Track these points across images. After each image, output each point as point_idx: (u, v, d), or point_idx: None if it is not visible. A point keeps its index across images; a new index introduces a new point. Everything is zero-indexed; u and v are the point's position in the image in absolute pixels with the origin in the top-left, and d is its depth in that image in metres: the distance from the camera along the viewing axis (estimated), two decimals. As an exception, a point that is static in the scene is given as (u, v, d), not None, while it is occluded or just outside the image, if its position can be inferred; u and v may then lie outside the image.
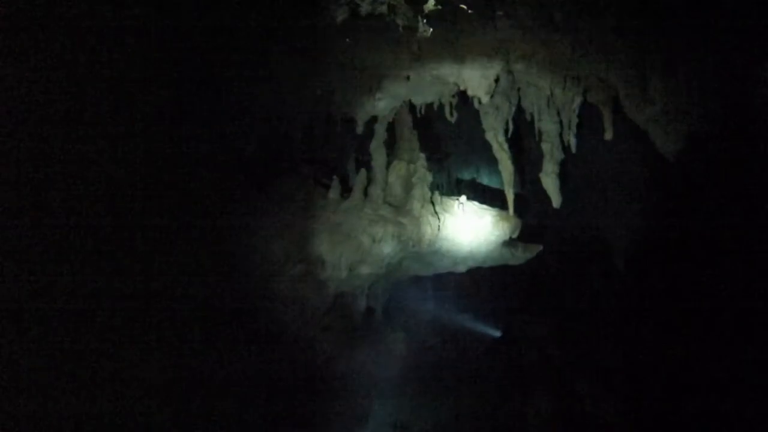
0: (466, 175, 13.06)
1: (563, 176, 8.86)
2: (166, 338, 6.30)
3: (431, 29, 6.67)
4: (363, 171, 8.77)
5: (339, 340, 8.54)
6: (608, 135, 7.92)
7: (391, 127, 9.34)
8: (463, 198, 9.30)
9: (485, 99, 7.98)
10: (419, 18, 6.49)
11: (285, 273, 8.08)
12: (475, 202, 9.46)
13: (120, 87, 5.84)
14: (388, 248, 8.54)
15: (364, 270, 8.66)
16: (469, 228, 9.07)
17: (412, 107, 9.14)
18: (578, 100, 8.09)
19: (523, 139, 10.67)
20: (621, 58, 7.00)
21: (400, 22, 6.56)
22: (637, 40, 6.82)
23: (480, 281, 11.81)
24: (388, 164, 9.07)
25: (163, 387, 6.09)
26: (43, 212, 5.20)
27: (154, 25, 5.90)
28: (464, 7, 6.55)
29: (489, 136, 8.75)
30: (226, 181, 7.76)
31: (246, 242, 7.95)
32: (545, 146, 8.58)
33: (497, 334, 12.61)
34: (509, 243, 9.48)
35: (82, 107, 5.48)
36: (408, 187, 8.99)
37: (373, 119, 8.90)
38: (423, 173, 9.02)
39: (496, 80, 7.84)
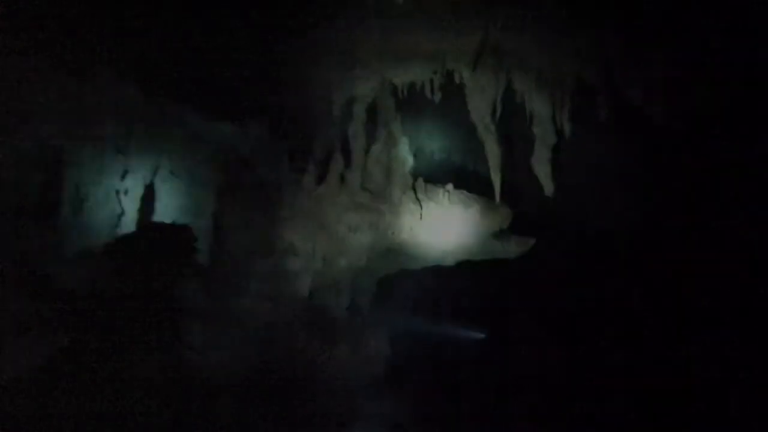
0: (467, 165, 12.44)
1: (560, 167, 8.11)
2: (166, 338, 6.30)
3: None
4: (338, 155, 8.02)
5: (318, 340, 7.78)
6: (602, 116, 7.44)
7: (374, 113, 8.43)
8: (450, 186, 8.40)
9: (466, 72, 7.32)
10: None
11: (253, 266, 7.53)
12: (464, 191, 8.52)
13: (120, 86, 5.85)
14: (366, 238, 7.89)
15: (342, 262, 8.02)
16: (456, 218, 8.23)
17: (394, 90, 8.20)
18: (571, 78, 7.48)
19: (515, 124, 9.94)
20: (619, 37, 6.68)
21: None
22: (639, 28, 6.59)
23: (477, 277, 11.68)
24: (369, 149, 8.21)
25: (163, 387, 6.09)
26: (43, 212, 5.21)
27: (154, 25, 5.91)
28: None
29: (474, 117, 7.82)
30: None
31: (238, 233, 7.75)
32: (537, 130, 7.79)
33: (493, 332, 12.55)
34: (500, 235, 8.57)
35: (82, 107, 5.50)
36: (390, 174, 8.16)
37: (352, 101, 8.13)
38: (404, 158, 8.14)
39: (479, 52, 7.21)
